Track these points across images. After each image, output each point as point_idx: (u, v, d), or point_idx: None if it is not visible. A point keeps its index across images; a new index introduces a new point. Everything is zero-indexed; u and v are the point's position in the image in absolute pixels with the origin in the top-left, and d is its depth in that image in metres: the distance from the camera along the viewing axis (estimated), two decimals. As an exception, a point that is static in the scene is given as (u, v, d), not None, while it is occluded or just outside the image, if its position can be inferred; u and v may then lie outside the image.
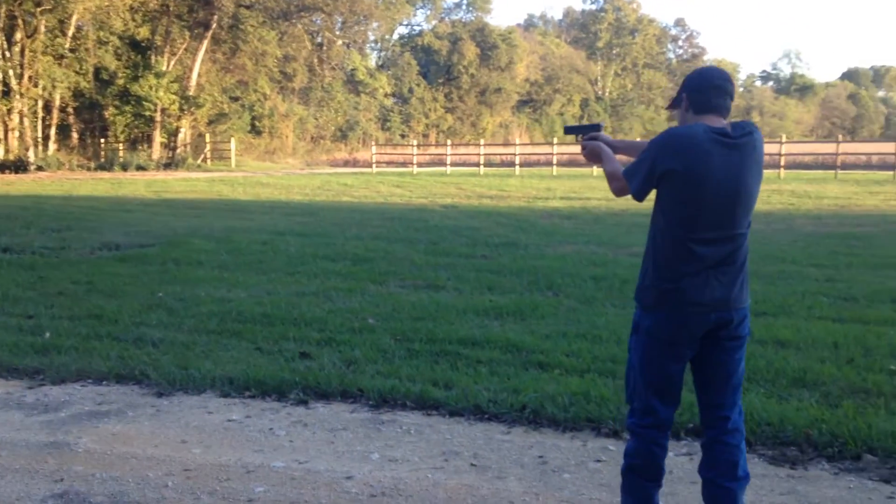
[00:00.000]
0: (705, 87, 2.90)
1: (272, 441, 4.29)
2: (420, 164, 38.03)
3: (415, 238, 12.34)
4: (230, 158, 41.45)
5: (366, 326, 6.68)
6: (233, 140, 42.44)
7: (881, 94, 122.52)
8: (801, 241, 12.00)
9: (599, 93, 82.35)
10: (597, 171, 33.99)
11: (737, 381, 2.96)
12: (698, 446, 4.07)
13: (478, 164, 36.03)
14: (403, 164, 40.58)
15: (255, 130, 49.51)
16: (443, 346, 5.99)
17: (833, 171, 31.14)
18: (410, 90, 61.88)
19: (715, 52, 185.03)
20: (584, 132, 3.37)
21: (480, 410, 4.65)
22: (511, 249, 11.10)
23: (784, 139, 33.99)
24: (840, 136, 37.37)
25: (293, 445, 4.23)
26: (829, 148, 36.87)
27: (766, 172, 33.46)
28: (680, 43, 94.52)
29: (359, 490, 3.67)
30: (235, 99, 46.62)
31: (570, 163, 37.85)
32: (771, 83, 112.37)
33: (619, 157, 3.28)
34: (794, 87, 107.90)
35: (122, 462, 4.00)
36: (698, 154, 2.76)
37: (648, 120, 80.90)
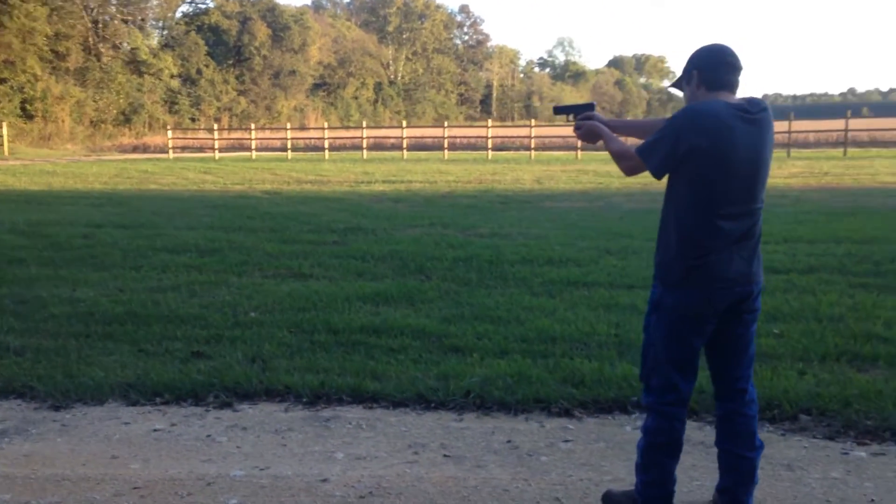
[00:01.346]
0: (718, 64, 2.93)
1: (217, 449, 3.93)
2: (221, 150, 36.46)
3: (253, 226, 11.83)
4: (2, 145, 37.59)
5: (252, 320, 6.31)
6: (3, 125, 38.51)
7: (643, 80, 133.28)
8: (627, 217, 12.72)
9: (392, 77, 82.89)
10: (407, 154, 34.25)
11: (752, 353, 3.05)
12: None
13: (283, 149, 35.10)
14: (201, 150, 38.74)
15: (27, 115, 45.14)
16: (348, 337, 5.77)
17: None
18: (199, 71, 59.03)
19: (498, 38, 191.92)
20: (577, 112, 3.31)
21: (424, 399, 4.51)
22: (360, 234, 10.92)
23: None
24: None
25: (242, 451, 3.89)
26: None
27: (561, 155, 34.37)
28: (465, 29, 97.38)
29: (343, 493, 3.44)
30: (3, 80, 42.31)
31: (377, 146, 37.87)
32: (548, 69, 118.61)
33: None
34: (568, 74, 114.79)
35: (55, 486, 3.50)
36: (722, 130, 2.80)
37: (440, 104, 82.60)
